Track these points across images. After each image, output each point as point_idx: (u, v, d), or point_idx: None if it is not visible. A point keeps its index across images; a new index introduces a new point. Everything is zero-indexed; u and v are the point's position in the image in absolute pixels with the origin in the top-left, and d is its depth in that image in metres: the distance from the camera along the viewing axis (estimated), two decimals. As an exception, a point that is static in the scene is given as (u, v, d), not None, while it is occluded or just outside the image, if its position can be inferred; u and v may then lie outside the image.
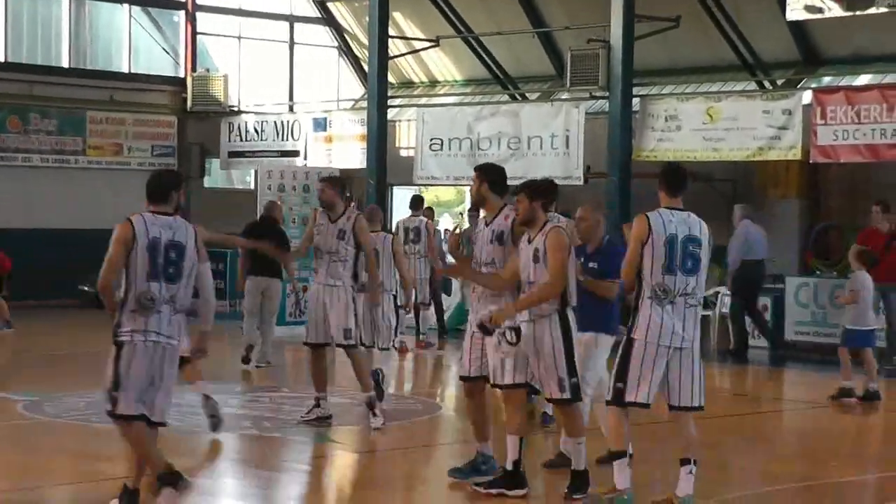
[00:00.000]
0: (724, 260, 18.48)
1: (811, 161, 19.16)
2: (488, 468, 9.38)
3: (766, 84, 22.83)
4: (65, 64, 25.75)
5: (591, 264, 10.01)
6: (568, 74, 21.12)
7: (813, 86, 21.12)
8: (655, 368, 8.44)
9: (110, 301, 7.97)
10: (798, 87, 21.57)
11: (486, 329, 8.88)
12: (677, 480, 8.62)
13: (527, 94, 25.87)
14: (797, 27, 21.96)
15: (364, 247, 11.82)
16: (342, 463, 10.83)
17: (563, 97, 22.79)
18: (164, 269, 7.90)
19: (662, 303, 8.43)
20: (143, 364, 7.89)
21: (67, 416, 12.12)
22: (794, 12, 19.66)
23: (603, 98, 21.17)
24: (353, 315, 11.60)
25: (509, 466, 9.02)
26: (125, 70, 26.51)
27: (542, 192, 9.11)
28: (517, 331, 8.81)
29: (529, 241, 8.99)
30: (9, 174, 24.55)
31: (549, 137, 20.98)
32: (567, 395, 8.91)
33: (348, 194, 25.45)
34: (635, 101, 20.43)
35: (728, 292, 18.94)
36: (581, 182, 20.51)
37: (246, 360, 15.80)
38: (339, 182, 12.21)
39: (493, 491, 9.01)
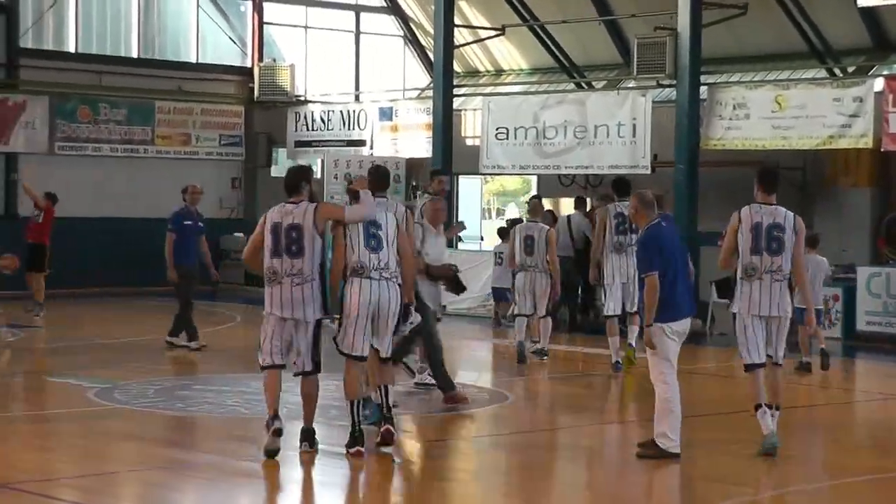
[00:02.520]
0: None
1: (882, 149, 18.90)
2: None
3: (837, 71, 22.54)
4: (134, 54, 26.01)
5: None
6: (634, 62, 20.98)
7: (884, 73, 20.82)
8: (757, 333, 10.16)
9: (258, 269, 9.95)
10: (869, 74, 21.29)
11: None
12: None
13: (593, 83, 25.74)
14: (868, 13, 21.66)
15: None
16: (408, 451, 10.84)
17: (630, 85, 22.65)
18: (287, 247, 9.61)
19: (752, 280, 10.14)
20: (276, 330, 9.77)
21: (137, 403, 12.25)
22: (866, -2, 19.41)
23: (670, 86, 21.01)
24: None
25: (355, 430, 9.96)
26: (193, 60, 26.71)
27: (372, 178, 10.74)
28: None
29: None
30: (79, 163, 24.85)
31: (615, 126, 20.85)
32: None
33: (414, 183, 25.73)
34: (703, 89, 20.25)
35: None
36: (648, 171, 20.37)
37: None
38: None
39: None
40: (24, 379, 14.57)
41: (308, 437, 9.91)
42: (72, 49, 25.23)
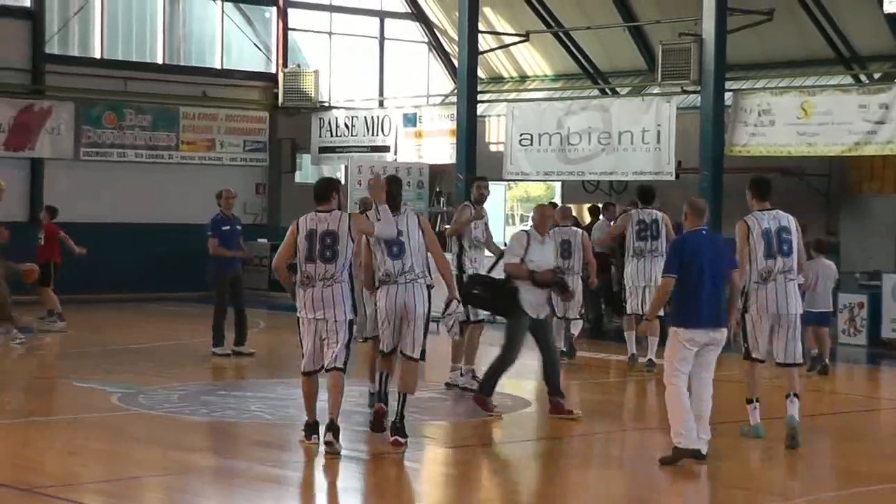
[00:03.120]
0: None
1: (908, 156, 18.82)
2: None
3: (863, 77, 22.46)
4: (159, 60, 26.10)
5: None
6: (659, 69, 20.93)
7: (911, 79, 20.75)
8: (765, 332, 10.72)
9: (282, 279, 10.44)
10: (895, 80, 21.19)
11: None
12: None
13: (617, 89, 25.71)
14: (894, 19, 21.56)
15: None
16: (432, 457, 10.84)
17: (654, 92, 22.61)
18: (321, 252, 10.03)
19: (767, 282, 10.66)
20: (312, 335, 10.15)
21: (161, 408, 12.28)
22: (892, 4, 19.33)
23: (695, 93, 20.98)
24: None
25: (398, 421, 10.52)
26: (217, 66, 26.80)
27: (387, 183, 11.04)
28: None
29: None
30: (104, 169, 24.94)
31: (639, 132, 20.83)
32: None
33: (438, 189, 25.63)
34: (728, 95, 20.20)
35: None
36: (672, 178, 20.34)
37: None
38: None
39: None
40: (48, 383, 14.63)
41: (332, 427, 10.11)
42: (97, 55, 25.33)
